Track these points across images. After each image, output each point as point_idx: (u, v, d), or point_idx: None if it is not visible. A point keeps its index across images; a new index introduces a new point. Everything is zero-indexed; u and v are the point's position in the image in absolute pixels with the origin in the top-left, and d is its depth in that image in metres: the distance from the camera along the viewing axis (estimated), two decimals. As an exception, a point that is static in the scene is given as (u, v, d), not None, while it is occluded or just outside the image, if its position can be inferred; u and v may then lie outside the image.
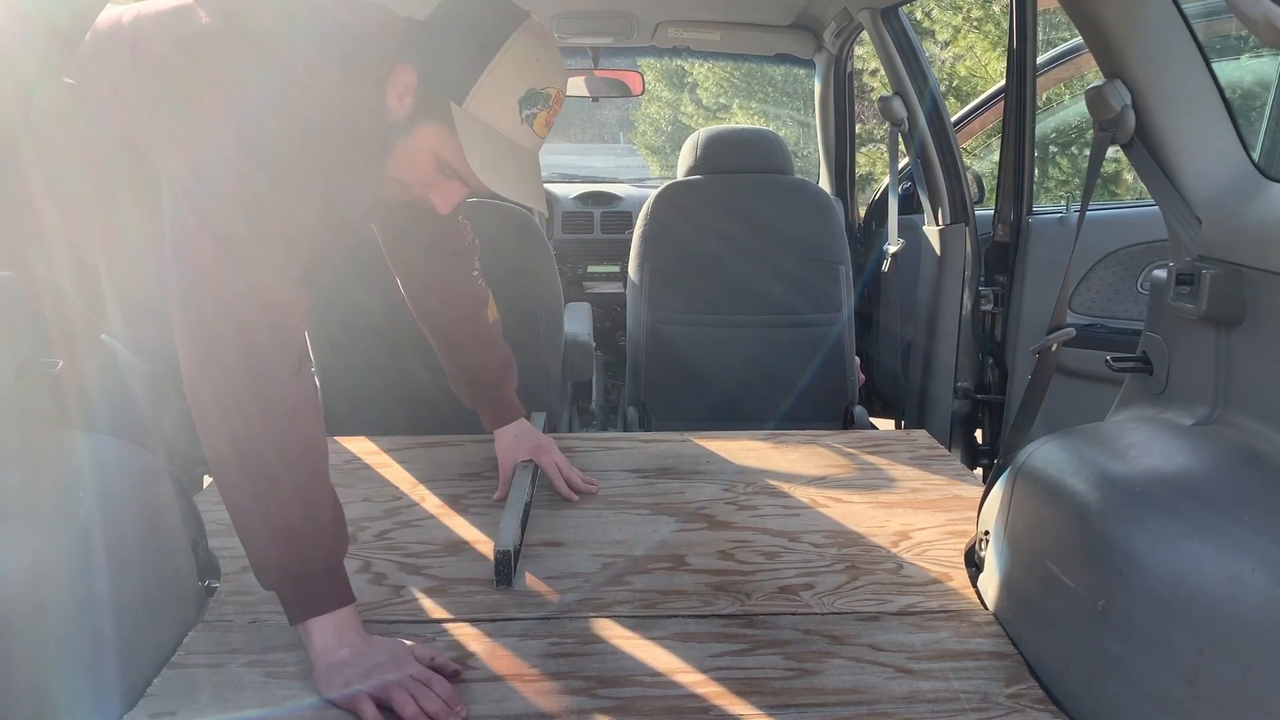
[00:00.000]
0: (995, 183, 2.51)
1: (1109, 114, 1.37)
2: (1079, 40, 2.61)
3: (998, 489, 1.45)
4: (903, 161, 2.89)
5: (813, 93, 3.56)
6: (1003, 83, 2.68)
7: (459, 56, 1.29)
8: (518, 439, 1.80)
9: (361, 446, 2.01)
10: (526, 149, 1.33)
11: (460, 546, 1.58)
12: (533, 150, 1.34)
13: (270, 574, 1.20)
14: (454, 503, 1.74)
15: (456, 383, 1.80)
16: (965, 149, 3.16)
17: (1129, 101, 1.35)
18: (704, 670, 1.23)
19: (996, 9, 7.49)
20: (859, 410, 2.69)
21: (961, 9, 7.70)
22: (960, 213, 2.52)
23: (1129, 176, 6.25)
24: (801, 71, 3.73)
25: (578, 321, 2.62)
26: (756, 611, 1.38)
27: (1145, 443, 1.29)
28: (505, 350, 1.80)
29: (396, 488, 1.81)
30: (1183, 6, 1.32)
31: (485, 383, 1.78)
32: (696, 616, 1.37)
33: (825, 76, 3.41)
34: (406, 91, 1.30)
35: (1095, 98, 1.38)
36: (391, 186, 1.39)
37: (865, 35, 2.81)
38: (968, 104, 3.48)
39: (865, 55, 6.86)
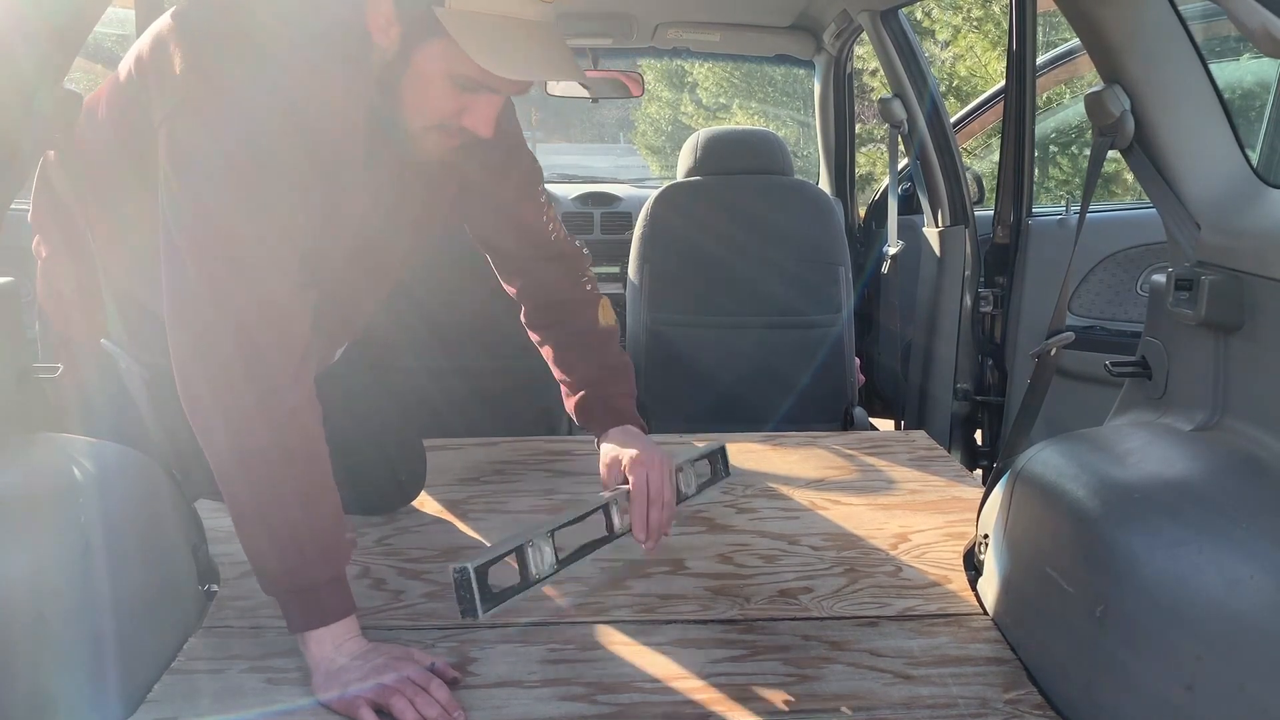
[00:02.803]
0: (995, 183, 2.51)
1: (1108, 119, 1.37)
2: (1079, 41, 2.61)
3: (997, 492, 1.45)
4: (902, 162, 2.88)
5: (813, 93, 3.56)
6: (1003, 83, 2.67)
7: None
8: (623, 446, 1.49)
9: (361, 449, 2.00)
10: (537, 20, 1.16)
11: (459, 551, 1.58)
12: (544, 19, 1.17)
13: (272, 582, 1.20)
14: (453, 508, 1.74)
15: (567, 399, 1.62)
16: (965, 149, 3.16)
17: (1128, 107, 1.35)
18: (703, 676, 1.23)
19: (996, 9, 7.48)
20: (859, 411, 2.69)
21: (961, 9, 7.69)
22: (960, 214, 2.52)
23: (1129, 177, 6.24)
24: (801, 72, 3.72)
25: None
26: (756, 616, 1.38)
27: (1144, 448, 1.29)
28: (615, 356, 1.64)
29: (396, 491, 1.81)
30: (1181, 10, 1.32)
31: (588, 381, 1.59)
32: (696, 622, 1.37)
33: (825, 77, 3.41)
34: (389, 21, 1.16)
35: (1094, 103, 1.38)
36: (429, 141, 1.25)
37: (865, 35, 2.81)
38: (968, 104, 3.47)
39: (865, 56, 6.85)
